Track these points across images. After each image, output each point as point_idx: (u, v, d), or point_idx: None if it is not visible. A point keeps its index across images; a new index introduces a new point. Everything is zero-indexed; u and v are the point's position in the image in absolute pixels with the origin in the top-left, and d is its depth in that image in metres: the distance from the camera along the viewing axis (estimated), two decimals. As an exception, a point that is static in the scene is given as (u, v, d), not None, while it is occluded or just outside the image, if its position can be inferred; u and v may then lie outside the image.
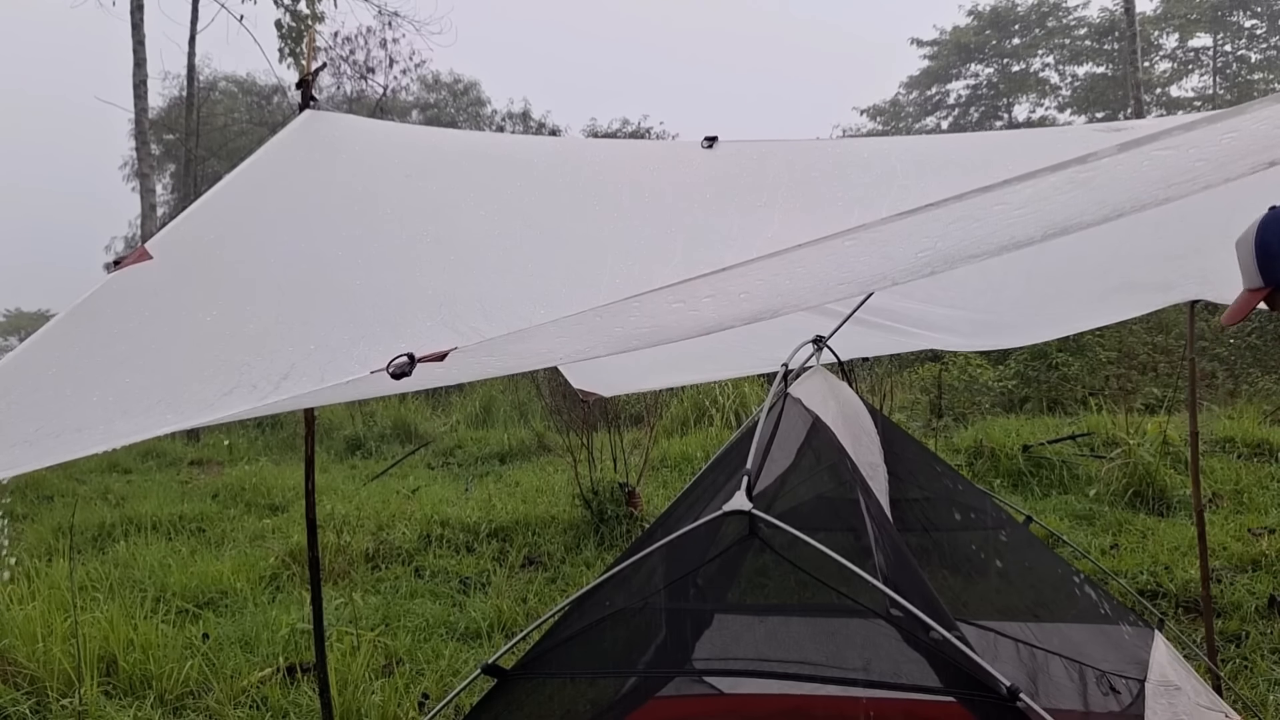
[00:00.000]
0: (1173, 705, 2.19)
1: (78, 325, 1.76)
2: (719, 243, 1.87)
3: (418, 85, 26.85)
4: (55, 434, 1.38)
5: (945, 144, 2.58)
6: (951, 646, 1.54)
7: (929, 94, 35.69)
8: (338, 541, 6.23)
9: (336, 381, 1.39)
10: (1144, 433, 7.16)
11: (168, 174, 27.11)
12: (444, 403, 13.51)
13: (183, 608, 5.12)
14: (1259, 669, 3.83)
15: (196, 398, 1.45)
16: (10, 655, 4.24)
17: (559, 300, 1.65)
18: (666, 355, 3.31)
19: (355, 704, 3.84)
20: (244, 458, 11.03)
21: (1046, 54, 32.66)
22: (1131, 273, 2.98)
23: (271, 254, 2.03)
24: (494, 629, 4.78)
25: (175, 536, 7.01)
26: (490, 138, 3.89)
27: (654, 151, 2.99)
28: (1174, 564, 5.10)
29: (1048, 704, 2.13)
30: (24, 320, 33.27)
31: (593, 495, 6.68)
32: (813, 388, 2.36)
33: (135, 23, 12.28)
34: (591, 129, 26.11)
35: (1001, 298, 3.06)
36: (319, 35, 16.77)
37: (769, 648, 1.87)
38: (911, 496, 2.54)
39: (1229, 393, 10.23)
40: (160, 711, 3.94)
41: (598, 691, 1.96)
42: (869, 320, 3.03)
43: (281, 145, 2.35)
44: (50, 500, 8.65)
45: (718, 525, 1.71)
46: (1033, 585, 2.70)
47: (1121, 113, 28.10)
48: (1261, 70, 30.46)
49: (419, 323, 1.63)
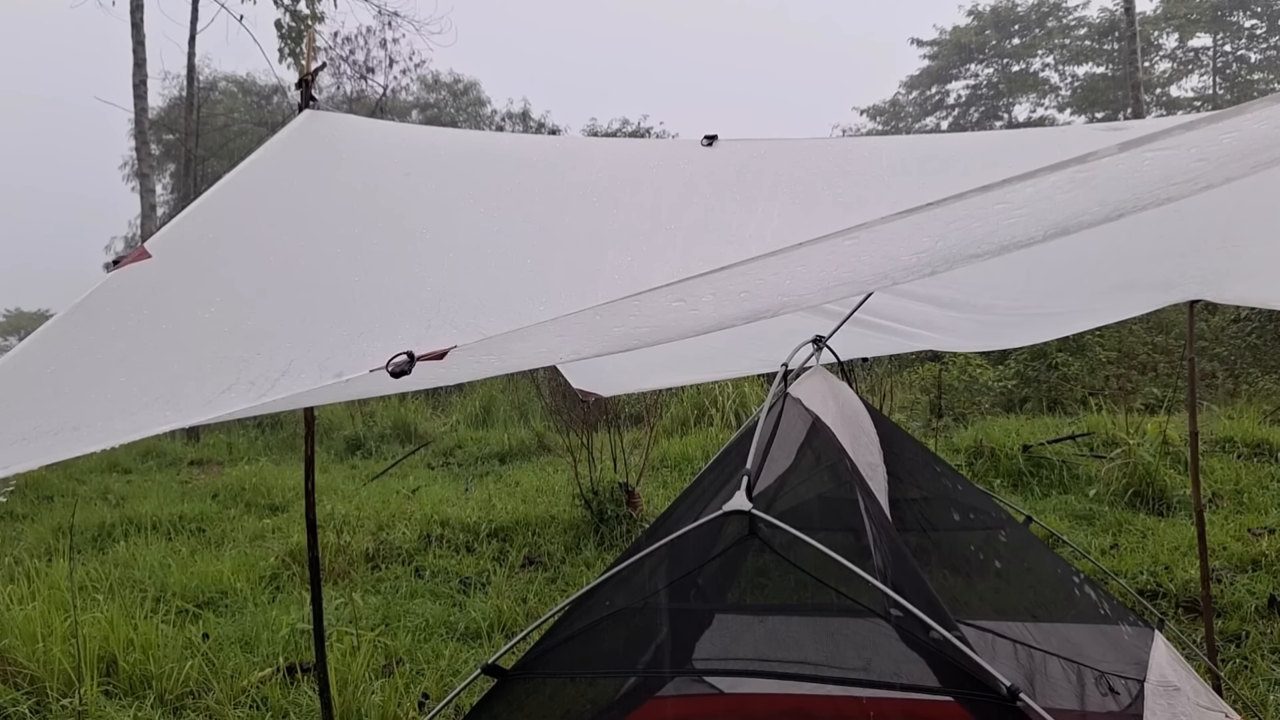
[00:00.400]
0: (1172, 705, 2.19)
1: (77, 324, 1.76)
2: (719, 241, 1.86)
3: (417, 85, 26.88)
4: (54, 432, 1.37)
5: (945, 143, 2.58)
6: (951, 646, 1.54)
7: (929, 94, 35.71)
8: (338, 541, 6.24)
9: (336, 380, 1.39)
10: (1144, 433, 7.16)
11: (168, 174, 27.12)
12: (444, 403, 13.51)
13: (183, 608, 5.12)
14: (1259, 669, 3.83)
15: (195, 396, 1.44)
16: (10, 655, 4.24)
17: (559, 299, 1.65)
18: (666, 355, 3.31)
19: (355, 704, 3.84)
20: (244, 458, 11.04)
21: (1046, 54, 32.67)
22: (1131, 272, 2.97)
23: (271, 253, 2.03)
24: (494, 629, 4.78)
25: (175, 536, 7.01)
26: (490, 137, 3.89)
27: (654, 150, 2.99)
28: (1174, 564, 5.10)
29: (1047, 704, 2.13)
30: (24, 320, 33.29)
31: (593, 495, 6.68)
32: (813, 388, 2.36)
33: (135, 23, 12.29)
34: (591, 129, 26.12)
35: (1001, 297, 3.06)
36: (319, 35, 16.77)
37: (769, 648, 1.87)
38: (911, 496, 2.54)
39: (1229, 393, 10.23)
40: (160, 711, 3.94)
41: (598, 691, 1.96)
42: (869, 321, 3.03)
43: (281, 145, 2.35)
44: (50, 500, 8.65)
45: (718, 525, 1.71)
46: (1032, 585, 2.70)
47: (1121, 113, 28.12)
48: (1261, 70, 30.47)
49: (418, 321, 1.63)
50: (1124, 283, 3.09)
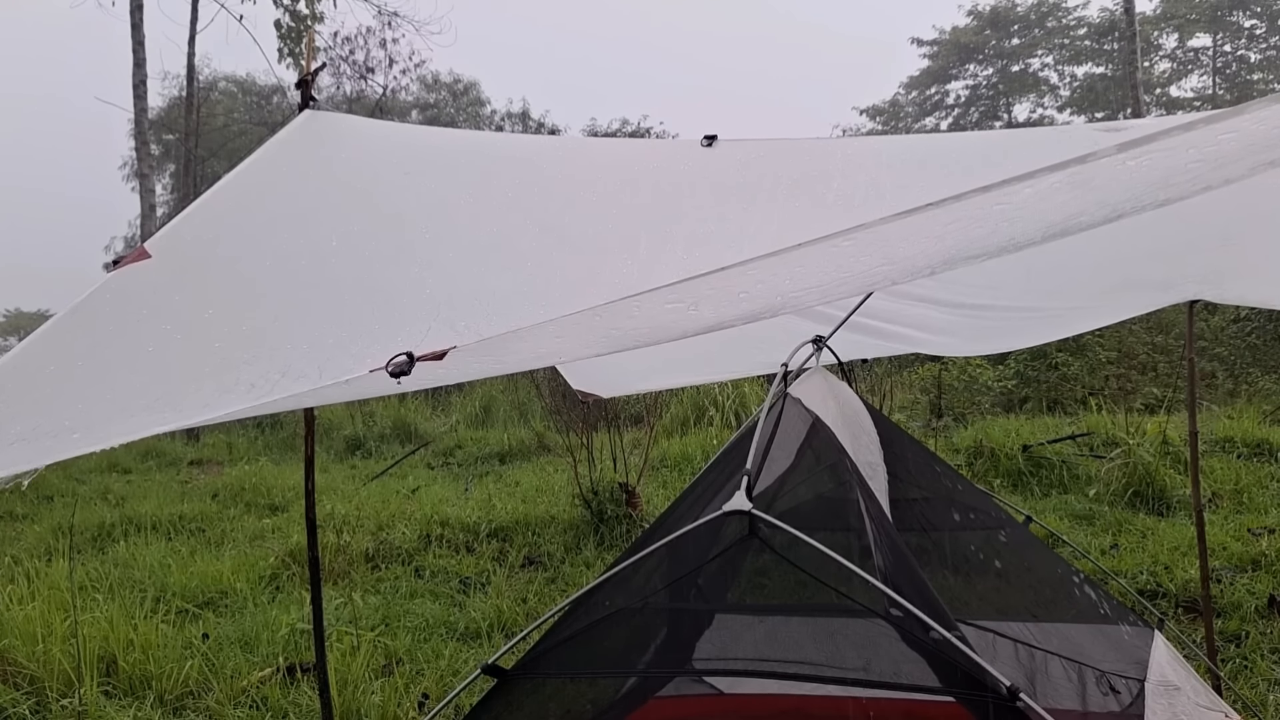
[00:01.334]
0: (1172, 705, 2.18)
1: (76, 324, 1.76)
2: (718, 242, 1.86)
3: (417, 85, 26.89)
4: (53, 433, 1.37)
5: (945, 144, 2.57)
6: (951, 646, 1.54)
7: (928, 94, 35.72)
8: (337, 541, 6.24)
9: (335, 380, 1.38)
10: (1144, 432, 7.16)
11: (167, 174, 27.12)
12: (444, 403, 13.51)
13: (183, 608, 5.12)
14: (1259, 669, 3.83)
15: (195, 396, 1.44)
16: (10, 655, 4.24)
17: (558, 299, 1.65)
18: (666, 357, 3.31)
19: (355, 704, 3.84)
20: (244, 458, 11.04)
21: (1046, 54, 32.68)
22: (1131, 272, 2.98)
23: (270, 253, 2.03)
24: (494, 629, 4.78)
25: (175, 536, 7.01)
26: (489, 137, 3.89)
27: (653, 150, 2.99)
28: (1174, 564, 5.10)
29: (1047, 704, 2.13)
30: (24, 320, 33.31)
31: (592, 495, 6.69)
32: (812, 388, 2.36)
33: (135, 23, 12.29)
34: (591, 129, 26.13)
35: (1001, 298, 3.06)
36: (318, 35, 16.77)
37: (769, 648, 1.87)
38: (911, 496, 2.54)
39: (1229, 393, 10.24)
40: (160, 711, 3.94)
41: (598, 691, 1.96)
42: (870, 326, 3.03)
43: (281, 145, 2.35)
44: (50, 500, 8.65)
45: (718, 525, 1.71)
46: (1032, 585, 2.70)
47: (1121, 113, 28.11)
48: (1261, 70, 30.46)
49: (418, 321, 1.63)
50: (1124, 283, 3.09)
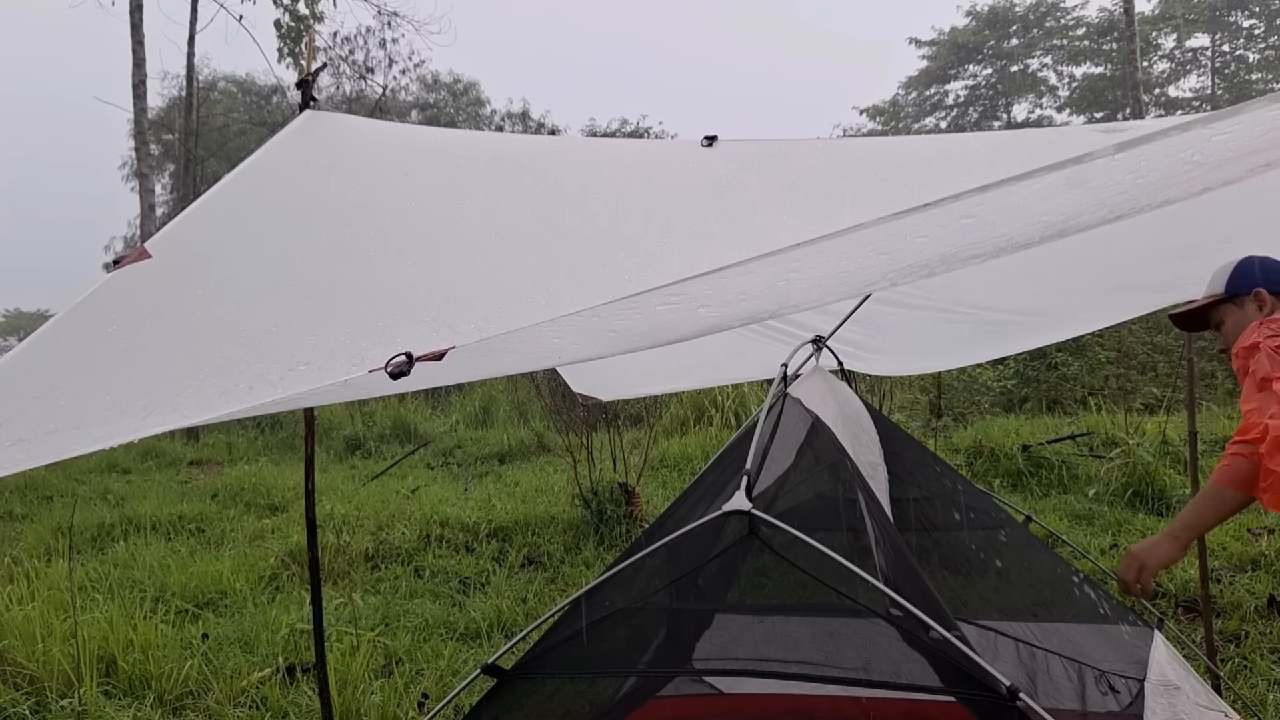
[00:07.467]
0: (1172, 705, 2.19)
1: (77, 324, 1.76)
2: (718, 242, 1.87)
3: (417, 85, 26.85)
4: (53, 432, 1.37)
5: (944, 144, 2.58)
6: (951, 646, 1.54)
7: (928, 94, 35.68)
8: (337, 541, 6.23)
9: (335, 381, 1.39)
10: (1143, 432, 7.17)
11: (167, 174, 27.08)
12: (444, 403, 13.51)
13: (182, 608, 5.12)
14: (1258, 669, 3.83)
15: (195, 396, 1.44)
16: (10, 655, 4.23)
17: (557, 299, 1.65)
18: (664, 361, 3.31)
19: (355, 704, 3.84)
20: (243, 458, 11.03)
21: (1045, 54, 32.66)
22: (1130, 273, 2.98)
23: (270, 253, 2.03)
24: (494, 629, 4.78)
25: (175, 536, 7.01)
26: (489, 137, 3.89)
27: (653, 151, 2.99)
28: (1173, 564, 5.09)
29: (1047, 704, 2.13)
30: (24, 320, 33.30)
31: (592, 495, 6.68)
32: (812, 388, 2.36)
33: (134, 23, 12.27)
34: (590, 129, 26.10)
35: (1001, 300, 3.06)
36: (318, 35, 16.77)
37: (769, 647, 1.87)
38: (911, 496, 2.54)
39: (1228, 392, 10.23)
40: (160, 711, 3.94)
41: (598, 691, 1.96)
42: (870, 344, 3.03)
43: (281, 145, 2.35)
44: (50, 500, 8.64)
45: (718, 525, 1.71)
46: (1032, 585, 2.70)
47: (1120, 113, 28.11)
48: (1260, 70, 30.43)
49: (417, 322, 1.63)
50: (1124, 284, 3.09)
